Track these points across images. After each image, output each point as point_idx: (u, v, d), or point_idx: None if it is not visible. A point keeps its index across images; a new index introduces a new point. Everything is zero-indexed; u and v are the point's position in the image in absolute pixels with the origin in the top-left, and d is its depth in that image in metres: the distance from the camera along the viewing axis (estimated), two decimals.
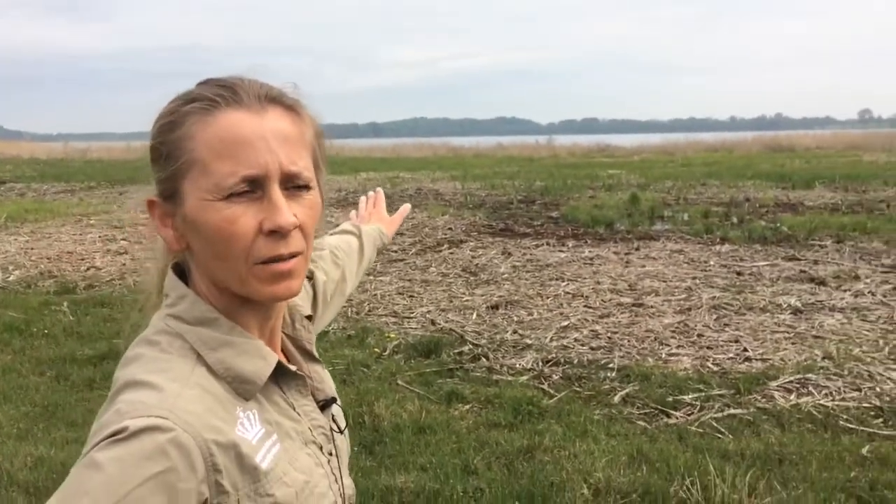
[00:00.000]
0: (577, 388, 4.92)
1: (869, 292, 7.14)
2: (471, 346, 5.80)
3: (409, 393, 4.83)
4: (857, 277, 7.75)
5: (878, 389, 4.73)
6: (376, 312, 6.91)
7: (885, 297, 6.96)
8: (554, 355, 5.54)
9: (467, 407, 4.61)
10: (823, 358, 5.31)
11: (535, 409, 4.50)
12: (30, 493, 3.57)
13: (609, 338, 5.97)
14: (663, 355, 5.52)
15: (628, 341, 5.86)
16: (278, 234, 0.87)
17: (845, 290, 7.23)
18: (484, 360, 5.52)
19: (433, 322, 6.53)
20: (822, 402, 4.57)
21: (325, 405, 1.02)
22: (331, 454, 0.99)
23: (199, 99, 0.89)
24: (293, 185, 0.89)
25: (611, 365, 5.31)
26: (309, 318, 1.08)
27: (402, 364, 5.41)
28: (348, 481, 1.04)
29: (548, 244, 10.32)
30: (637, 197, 14.69)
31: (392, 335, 6.07)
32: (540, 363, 5.41)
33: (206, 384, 0.85)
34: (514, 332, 6.20)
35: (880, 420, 4.30)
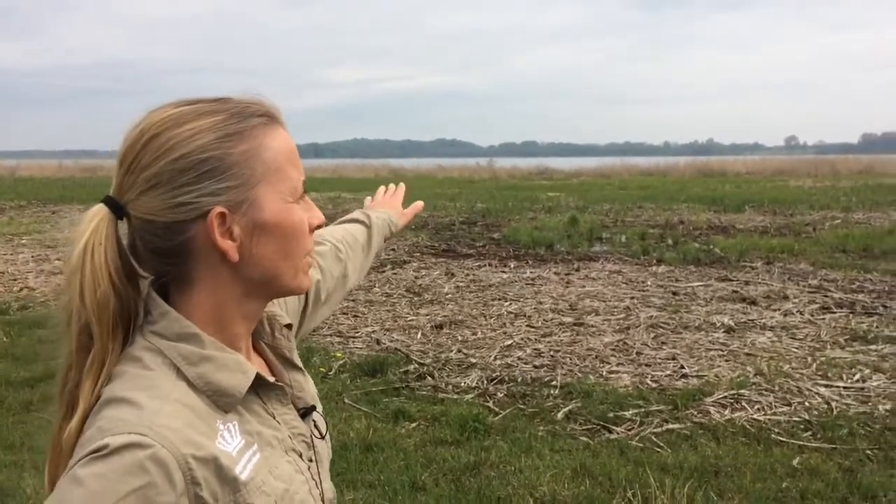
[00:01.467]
0: (522, 406, 5.01)
1: (797, 311, 7.45)
2: (416, 366, 5.84)
3: (355, 412, 4.85)
4: (785, 297, 8.08)
5: (806, 404, 4.95)
6: (321, 332, 6.90)
7: (812, 316, 7.28)
8: (498, 373, 5.63)
9: (414, 425, 4.66)
10: (755, 374, 5.53)
11: (481, 427, 4.57)
12: None
13: (552, 356, 6.09)
14: (604, 373, 5.66)
15: (570, 359, 5.99)
16: (319, 228, 1.01)
17: (775, 310, 7.53)
18: (430, 378, 5.57)
19: (378, 342, 6.55)
20: (754, 416, 4.76)
21: (305, 413, 1.05)
22: (311, 460, 1.03)
23: (257, 113, 0.96)
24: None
25: (553, 382, 5.43)
26: (288, 326, 1.11)
27: (349, 383, 5.43)
28: (328, 485, 1.07)
29: (490, 265, 10.46)
30: (576, 219, 14.99)
31: (338, 354, 6.07)
32: (485, 381, 5.49)
33: (185, 399, 0.88)
34: (459, 351, 6.27)
35: (809, 433, 4.50)
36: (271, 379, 1.01)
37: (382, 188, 1.74)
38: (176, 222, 0.91)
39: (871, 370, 5.57)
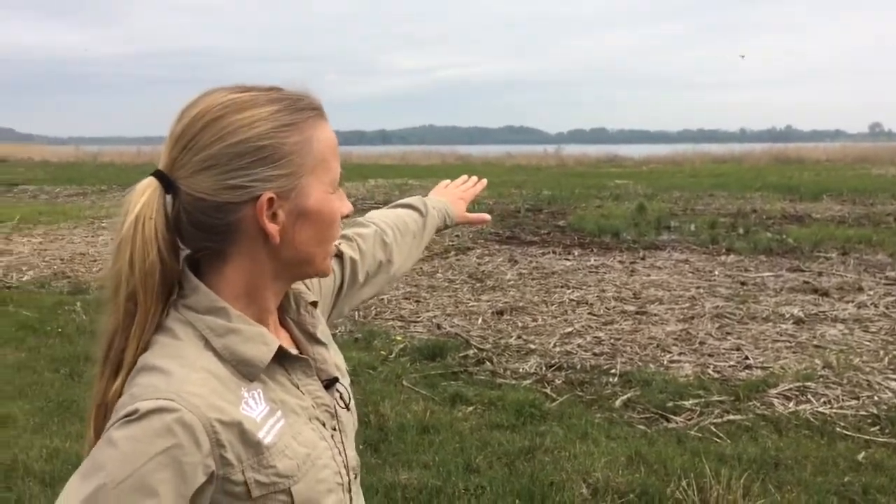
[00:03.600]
0: (580, 393, 5.00)
1: (871, 304, 7.20)
2: (475, 351, 5.89)
3: (413, 394, 4.93)
4: (860, 289, 7.81)
5: (875, 398, 4.80)
6: (383, 316, 7.02)
7: (887, 308, 7.02)
8: (557, 360, 5.64)
9: (471, 408, 4.71)
10: (823, 367, 5.38)
11: (537, 412, 4.59)
12: (45, 483, 3.68)
13: (612, 344, 6.06)
14: (665, 362, 5.60)
15: (631, 348, 5.95)
16: (347, 218, 1.09)
17: (848, 302, 7.30)
18: (488, 363, 5.62)
19: (439, 326, 6.63)
20: (820, 409, 4.64)
21: (329, 384, 1.11)
22: (335, 429, 1.08)
23: (309, 107, 1.02)
24: None
25: (613, 370, 5.40)
26: (314, 304, 1.17)
27: (408, 366, 5.51)
28: (352, 453, 1.12)
29: (554, 252, 10.41)
30: (644, 206, 14.76)
31: (398, 338, 6.17)
32: (543, 368, 5.50)
33: (212, 368, 0.94)
34: (519, 337, 6.29)
35: (877, 427, 4.37)
36: (294, 351, 1.07)
37: (465, 177, 1.73)
38: (227, 203, 0.96)
39: None
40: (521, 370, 5.47)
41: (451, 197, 1.65)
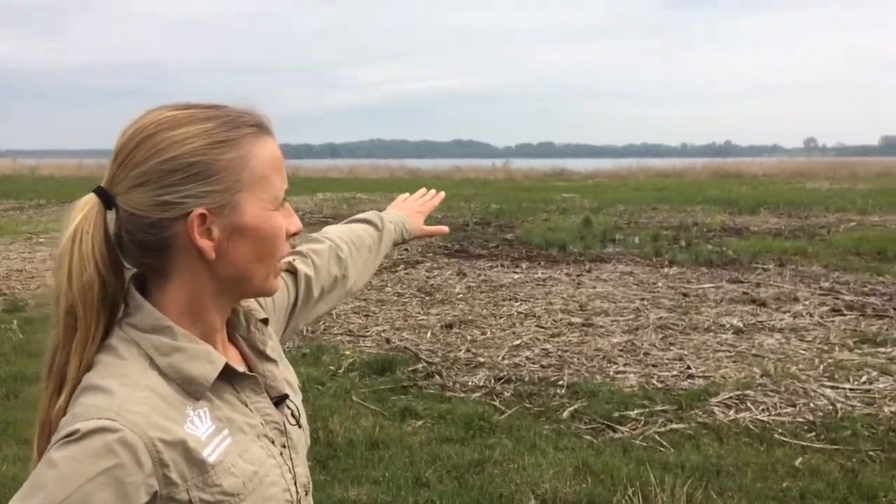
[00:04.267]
0: (528, 405, 5.06)
1: (807, 313, 7.45)
2: (425, 364, 5.91)
3: (363, 409, 4.92)
4: (796, 299, 8.07)
5: (811, 405, 4.97)
6: (332, 331, 6.99)
7: (822, 318, 7.27)
8: (506, 373, 5.69)
9: (420, 422, 4.72)
10: (762, 375, 5.55)
11: (487, 425, 4.63)
12: None
13: (559, 356, 6.14)
14: (611, 373, 5.70)
15: (578, 359, 6.04)
16: (296, 235, 1.07)
17: (785, 312, 7.53)
18: (437, 377, 5.64)
19: (388, 341, 6.63)
20: (759, 416, 4.78)
21: (278, 401, 1.11)
22: (284, 446, 1.09)
23: (248, 123, 1.02)
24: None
25: (560, 382, 5.47)
26: (264, 321, 1.17)
27: (357, 381, 5.50)
28: (303, 470, 1.12)
29: (502, 265, 10.51)
30: (590, 220, 15.00)
31: (347, 353, 6.15)
32: (492, 380, 5.55)
33: (156, 387, 0.95)
34: (468, 350, 6.33)
35: (813, 434, 4.52)
36: (242, 369, 1.07)
37: (423, 190, 1.74)
38: (161, 219, 0.97)
39: (879, 372, 5.57)
40: (470, 383, 5.50)
41: (409, 210, 1.66)
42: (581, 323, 7.18)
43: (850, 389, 5.23)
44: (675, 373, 5.68)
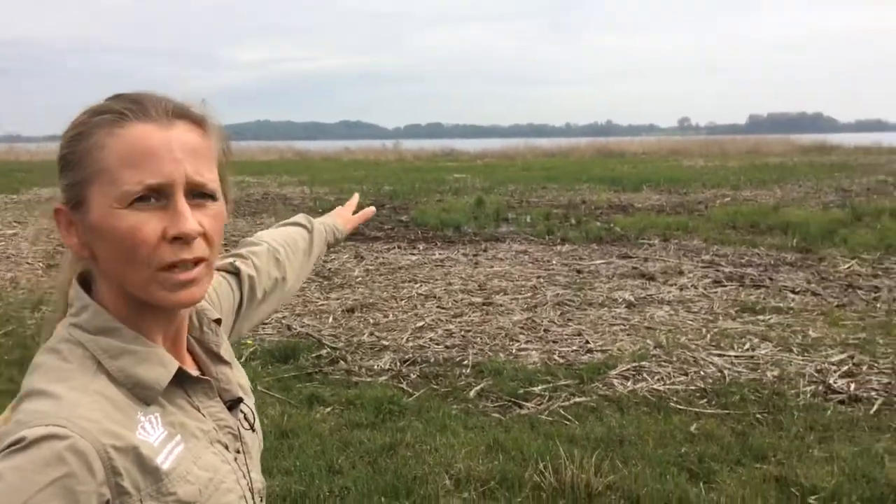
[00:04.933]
0: (435, 386, 5.10)
1: (692, 286, 7.84)
2: (329, 350, 5.84)
3: (268, 398, 4.82)
4: (681, 273, 8.48)
5: (702, 373, 5.24)
6: None
7: (705, 290, 7.67)
8: (411, 355, 5.71)
9: (328, 409, 4.67)
10: (655, 347, 5.80)
11: (396, 408, 4.63)
12: None
13: (463, 336, 6.21)
14: (514, 350, 5.82)
15: (481, 339, 6.13)
16: (182, 240, 0.92)
17: (671, 285, 7.90)
18: (342, 362, 5.59)
19: (289, 327, 6.51)
20: (655, 386, 5.00)
21: (232, 405, 1.07)
22: (238, 451, 1.04)
23: (108, 112, 0.94)
24: (198, 194, 0.94)
25: (465, 362, 5.54)
26: (217, 321, 1.12)
27: (260, 370, 5.38)
28: (257, 475, 1.09)
29: (399, 247, 10.51)
30: (482, 200, 15.21)
31: (248, 342, 6.00)
32: (398, 363, 5.55)
33: (105, 391, 0.89)
34: (371, 334, 6.31)
35: (705, 400, 4.77)
36: (195, 373, 1.02)
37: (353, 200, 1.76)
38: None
39: (760, 339, 5.94)
40: (375, 367, 5.49)
41: (337, 213, 1.68)
42: (481, 302, 7.28)
43: (736, 356, 5.56)
44: (574, 348, 5.86)
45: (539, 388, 4.99)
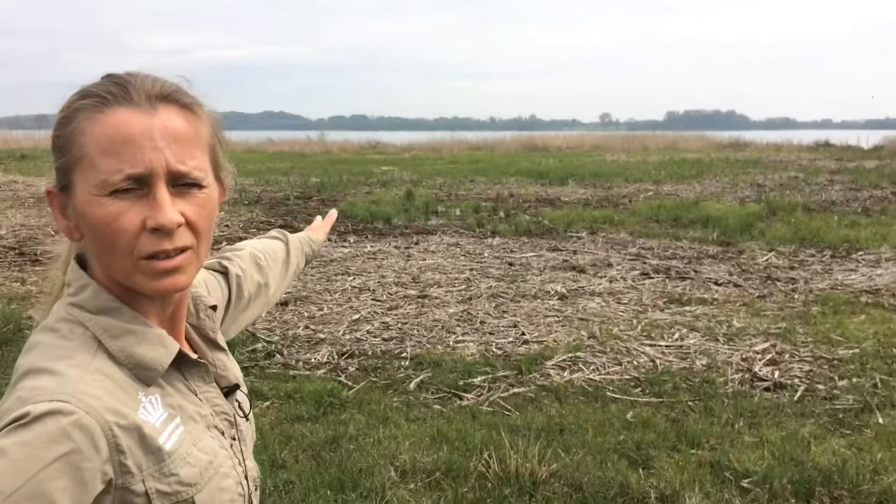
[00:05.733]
0: (374, 378, 5.08)
1: (621, 277, 8.04)
2: (264, 344, 5.75)
3: None
4: (609, 265, 8.68)
5: (634, 363, 5.39)
6: None
7: (633, 282, 7.88)
8: (348, 348, 5.67)
9: (267, 403, 4.60)
10: (589, 338, 5.93)
11: (336, 401, 4.60)
12: None
13: (399, 328, 6.20)
14: (451, 342, 5.85)
15: (418, 331, 6.13)
16: (161, 231, 0.90)
17: (601, 277, 8.08)
18: (279, 356, 5.51)
19: None
20: (591, 376, 5.12)
21: (228, 392, 1.07)
22: (234, 438, 1.04)
23: (90, 95, 0.91)
24: (182, 183, 0.91)
25: (403, 354, 5.54)
26: (213, 308, 1.12)
27: None
28: (252, 463, 1.09)
29: (329, 240, 10.39)
30: (412, 193, 15.20)
31: None
32: (335, 356, 5.51)
33: (107, 370, 0.89)
34: (306, 327, 6.23)
35: (639, 389, 4.91)
36: (194, 356, 1.01)
37: (319, 218, 1.79)
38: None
39: (688, 329, 6.14)
40: (313, 360, 5.43)
41: (308, 228, 1.71)
42: (416, 295, 7.28)
43: (666, 346, 5.73)
44: (511, 339, 5.93)
45: (478, 379, 5.04)
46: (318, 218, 1.77)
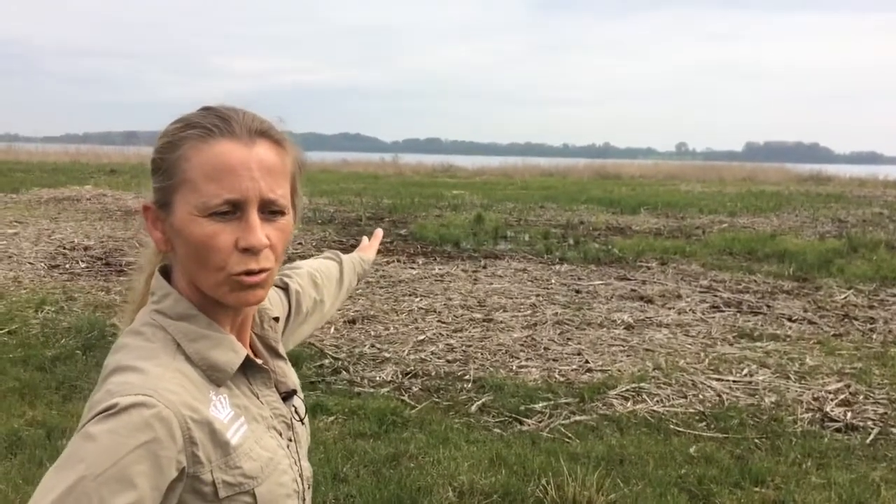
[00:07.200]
0: (437, 399, 5.15)
1: (690, 310, 7.92)
2: (331, 360, 5.89)
3: None
4: (679, 296, 8.56)
5: (700, 396, 5.31)
6: None
7: (703, 314, 7.75)
8: (412, 368, 5.75)
9: (332, 418, 4.72)
10: (654, 369, 5.87)
11: (399, 419, 4.68)
12: None
13: (463, 351, 6.26)
14: (514, 367, 5.87)
15: (481, 354, 6.18)
16: (250, 251, 1.01)
17: (670, 308, 7.97)
18: (345, 373, 5.64)
19: None
20: (654, 408, 5.06)
21: (286, 397, 1.17)
22: (290, 440, 1.14)
23: (197, 126, 1.03)
24: (269, 210, 1.04)
25: (466, 376, 5.59)
26: (276, 319, 1.23)
27: None
28: (306, 464, 1.19)
29: (398, 261, 10.56)
30: (482, 217, 15.28)
31: None
32: (399, 375, 5.60)
33: (184, 370, 1.00)
34: (372, 345, 6.35)
35: (703, 423, 4.83)
36: (259, 362, 1.12)
37: (365, 237, 1.88)
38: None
39: (758, 365, 6.01)
40: (377, 378, 5.53)
41: (359, 248, 1.81)
42: (481, 318, 7.34)
43: (734, 381, 5.62)
44: (574, 367, 5.92)
45: (540, 405, 5.05)
46: (365, 238, 1.86)
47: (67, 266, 9.35)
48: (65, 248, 10.42)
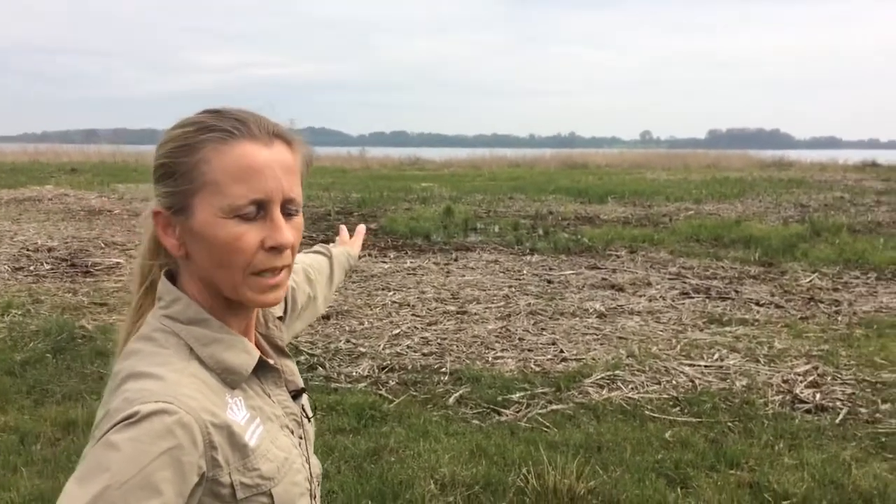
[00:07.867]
0: (414, 393, 5.16)
1: (660, 297, 8.02)
2: (307, 356, 5.88)
3: None
4: (649, 284, 8.67)
5: (673, 382, 5.39)
6: None
7: (673, 301, 7.86)
8: (389, 362, 5.76)
9: (310, 414, 4.70)
10: (627, 356, 5.94)
11: (377, 414, 4.69)
12: None
13: (439, 344, 6.29)
14: (490, 358, 5.91)
15: (457, 346, 6.21)
16: (276, 250, 1.03)
17: (640, 296, 8.07)
18: (321, 368, 5.63)
19: None
20: (629, 395, 5.13)
21: (295, 395, 1.18)
22: (301, 437, 1.16)
23: (216, 129, 1.03)
24: (289, 209, 1.05)
25: (443, 369, 5.62)
26: (280, 318, 1.25)
27: None
28: (315, 460, 1.21)
29: (370, 255, 10.53)
30: (451, 209, 15.29)
31: None
32: (376, 370, 5.61)
33: (200, 374, 1.00)
34: (348, 341, 6.35)
35: (678, 409, 4.91)
36: (270, 362, 1.13)
37: (344, 227, 1.90)
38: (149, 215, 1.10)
39: (728, 350, 6.12)
40: (354, 374, 5.53)
41: (343, 243, 1.81)
42: (455, 311, 7.36)
43: (705, 366, 5.72)
44: (549, 356, 5.97)
45: (517, 395, 5.09)
46: (343, 228, 1.87)
47: (32, 268, 9.19)
48: (28, 250, 10.22)
